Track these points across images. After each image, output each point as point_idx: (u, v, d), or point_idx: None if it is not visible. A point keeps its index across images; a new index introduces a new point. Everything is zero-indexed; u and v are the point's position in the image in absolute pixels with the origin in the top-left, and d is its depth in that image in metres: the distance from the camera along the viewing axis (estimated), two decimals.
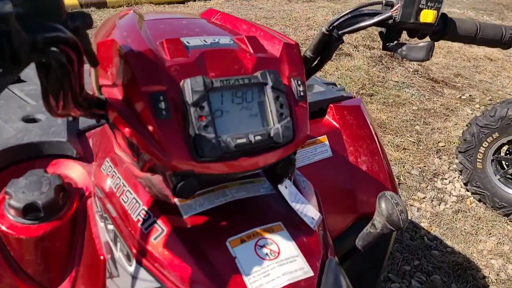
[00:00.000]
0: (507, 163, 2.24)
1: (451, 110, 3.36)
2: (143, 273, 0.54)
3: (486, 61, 4.49)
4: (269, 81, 0.56)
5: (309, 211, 0.62)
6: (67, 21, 0.42)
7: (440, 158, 2.74)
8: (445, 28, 0.70)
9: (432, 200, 2.37)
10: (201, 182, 0.55)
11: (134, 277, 0.54)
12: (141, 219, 0.56)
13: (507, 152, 2.25)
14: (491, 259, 2.02)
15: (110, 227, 0.62)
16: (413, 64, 4.05)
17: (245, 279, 0.51)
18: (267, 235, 0.57)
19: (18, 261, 0.68)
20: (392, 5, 0.67)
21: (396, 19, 0.65)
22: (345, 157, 1.05)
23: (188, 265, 0.52)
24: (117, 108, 0.51)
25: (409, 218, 2.20)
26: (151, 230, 0.55)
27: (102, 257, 0.65)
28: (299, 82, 0.59)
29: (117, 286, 0.60)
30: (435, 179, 2.55)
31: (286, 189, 0.62)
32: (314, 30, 4.83)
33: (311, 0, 6.92)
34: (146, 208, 0.57)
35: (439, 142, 2.90)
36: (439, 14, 0.66)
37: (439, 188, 2.47)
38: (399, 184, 2.44)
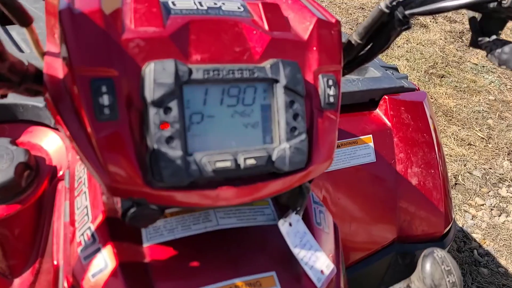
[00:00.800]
0: None
1: None
2: None
3: None
4: (283, 77, 0.37)
5: (319, 261, 0.44)
6: None
7: (511, 161, 2.38)
8: None
9: (491, 209, 2.07)
10: (160, 214, 0.39)
11: None
12: (83, 242, 0.42)
13: None
14: None
15: (62, 233, 0.49)
16: None
17: None
18: None
19: None
20: None
21: (504, 2, 0.41)
22: (392, 165, 0.85)
23: None
24: (53, 89, 0.35)
25: (461, 226, 1.95)
26: (91, 261, 0.40)
27: (55, 262, 0.53)
28: (331, 82, 0.40)
29: None
30: (500, 185, 2.22)
31: (290, 227, 0.44)
32: None
33: None
34: (93, 228, 0.42)
35: None
36: None
37: (502, 196, 2.15)
38: (455, 184, 2.15)
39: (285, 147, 0.37)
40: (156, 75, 0.33)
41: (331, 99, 0.40)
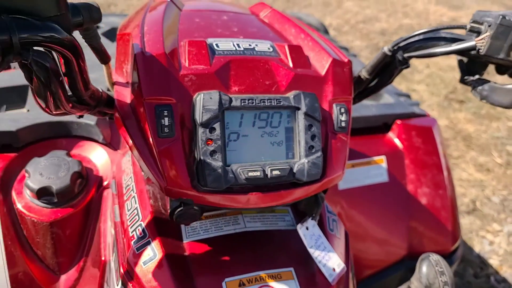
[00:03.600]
0: None
1: None
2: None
3: None
4: (303, 106, 0.45)
5: (331, 260, 0.51)
6: (67, 15, 0.36)
7: None
8: None
9: (509, 236, 2.07)
10: (206, 208, 0.48)
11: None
12: (136, 236, 0.51)
13: None
14: None
15: (112, 231, 0.58)
16: None
17: None
18: (272, 283, 0.48)
19: (30, 242, 0.67)
20: (478, 32, 0.50)
21: (481, 51, 0.49)
22: (403, 186, 0.91)
23: None
24: (122, 111, 0.45)
25: (478, 252, 1.95)
26: (143, 252, 0.49)
27: (103, 258, 0.61)
28: (343, 110, 0.48)
29: None
30: None
31: (307, 230, 0.52)
32: (411, 19, 4.43)
33: None
34: (143, 225, 0.51)
35: None
36: None
37: None
38: (473, 210, 2.17)
39: (304, 162, 0.45)
40: (205, 103, 0.42)
41: (343, 124, 0.48)
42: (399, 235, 0.91)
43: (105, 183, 0.70)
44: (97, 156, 0.73)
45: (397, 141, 0.94)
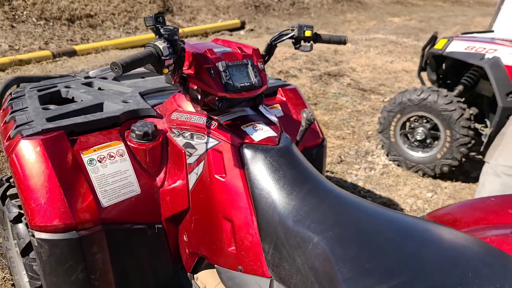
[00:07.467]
0: (410, 135, 3.18)
1: (377, 109, 4.35)
2: (210, 139, 1.33)
3: (403, 73, 5.62)
4: (249, 63, 1.38)
5: (273, 118, 1.43)
6: (179, 41, 1.24)
7: (369, 142, 3.65)
8: (316, 38, 1.58)
9: (365, 169, 3.24)
10: (229, 104, 1.35)
11: (206, 143, 1.33)
12: (204, 122, 1.35)
13: (410, 127, 3.19)
14: (406, 199, 2.89)
15: (187, 134, 1.40)
16: (346, 79, 5.07)
17: (250, 136, 1.31)
18: (257, 124, 1.37)
19: (140, 161, 1.43)
20: (293, 30, 1.53)
21: (295, 35, 1.52)
22: (290, 116, 1.89)
23: (226, 133, 1.31)
24: (190, 76, 1.32)
25: (350, 182, 3.06)
26: (210, 125, 1.34)
27: (183, 151, 1.42)
28: (261, 64, 1.42)
29: (196, 156, 1.37)
30: (367, 156, 3.44)
31: (264, 109, 1.44)
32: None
33: (259, 36, 7.97)
34: (205, 119, 1.36)
35: (368, 131, 3.83)
36: (313, 32, 1.54)
37: (369, 161, 3.36)
38: (341, 161, 3.31)
39: (255, 80, 1.36)
40: (221, 65, 1.30)
41: (262, 68, 1.41)
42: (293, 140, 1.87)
43: (165, 131, 1.50)
44: (156, 121, 1.52)
45: (282, 97, 1.93)
